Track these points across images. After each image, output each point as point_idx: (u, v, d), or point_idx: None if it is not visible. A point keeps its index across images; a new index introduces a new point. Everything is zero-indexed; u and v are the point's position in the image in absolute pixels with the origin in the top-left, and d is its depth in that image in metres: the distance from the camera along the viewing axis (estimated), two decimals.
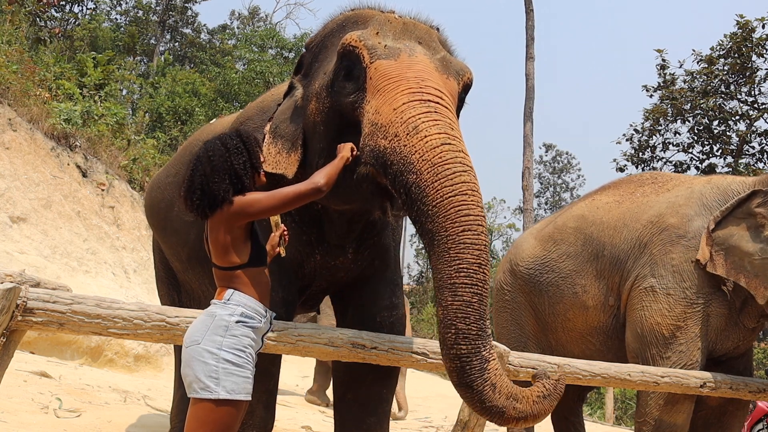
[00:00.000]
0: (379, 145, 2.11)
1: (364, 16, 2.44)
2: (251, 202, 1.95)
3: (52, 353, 5.96)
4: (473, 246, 1.96)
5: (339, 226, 2.67)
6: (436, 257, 2.00)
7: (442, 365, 2.66)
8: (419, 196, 2.01)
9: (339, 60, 2.31)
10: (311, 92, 2.45)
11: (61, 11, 17.65)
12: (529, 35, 15.47)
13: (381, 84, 2.19)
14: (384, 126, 2.12)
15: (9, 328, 2.08)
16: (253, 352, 1.99)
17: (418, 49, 2.29)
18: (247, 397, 1.94)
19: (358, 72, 2.26)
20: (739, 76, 13.17)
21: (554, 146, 37.16)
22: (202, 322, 1.96)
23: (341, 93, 2.29)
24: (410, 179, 2.03)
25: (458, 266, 1.96)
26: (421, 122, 2.07)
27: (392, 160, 2.07)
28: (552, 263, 4.09)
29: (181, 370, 1.95)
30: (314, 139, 2.42)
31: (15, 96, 8.15)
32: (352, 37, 2.28)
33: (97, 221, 8.42)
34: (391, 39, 2.31)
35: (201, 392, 1.88)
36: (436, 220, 1.98)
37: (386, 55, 2.24)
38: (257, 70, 18.65)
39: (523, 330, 4.27)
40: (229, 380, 1.88)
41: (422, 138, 2.04)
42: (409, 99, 2.12)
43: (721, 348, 3.62)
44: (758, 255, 3.41)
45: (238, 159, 2.00)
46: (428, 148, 2.03)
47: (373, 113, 2.17)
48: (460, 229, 1.97)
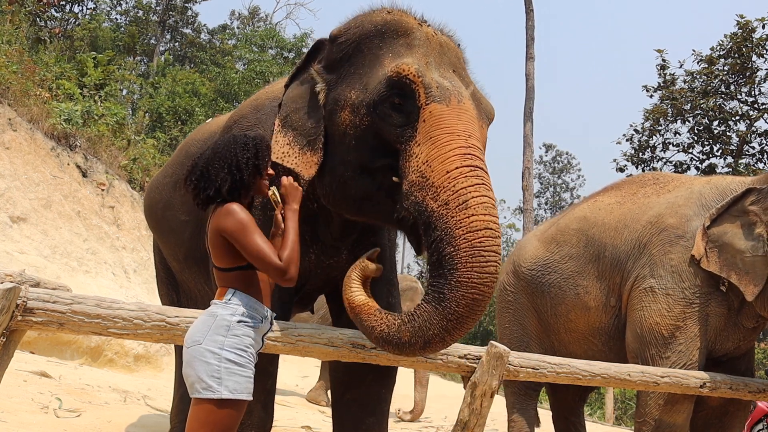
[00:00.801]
0: (428, 205, 2.20)
1: (405, 26, 2.42)
2: (241, 234, 1.95)
3: (52, 353, 5.96)
4: (481, 295, 2.16)
5: (336, 227, 2.67)
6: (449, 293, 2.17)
7: (442, 365, 2.67)
8: (449, 268, 2.16)
9: (389, 86, 2.30)
10: (345, 100, 2.40)
11: (61, 11, 17.64)
12: (529, 35, 15.48)
13: (434, 133, 2.25)
14: (435, 187, 2.20)
15: (9, 328, 2.08)
16: (254, 352, 2.00)
17: (463, 93, 2.36)
18: (249, 396, 1.94)
19: (410, 108, 2.29)
20: (740, 76, 13.17)
21: (554, 146, 37.16)
22: (203, 322, 1.96)
23: (386, 120, 2.31)
24: (448, 251, 2.16)
25: (464, 294, 2.17)
26: (471, 197, 2.17)
27: (437, 225, 2.19)
28: (554, 264, 4.10)
29: (182, 370, 1.95)
30: (341, 148, 2.41)
31: (15, 96, 8.15)
32: (410, 69, 2.29)
33: (97, 221, 8.42)
34: (435, 69, 2.36)
35: (203, 392, 1.88)
36: (454, 295, 2.15)
37: (439, 98, 2.28)
38: (257, 70, 18.64)
39: (526, 330, 4.27)
40: (231, 380, 1.89)
41: (469, 216, 2.16)
42: (461, 163, 2.20)
43: (722, 348, 3.62)
44: (749, 252, 3.43)
45: (243, 153, 2.02)
46: (473, 229, 2.15)
47: (423, 163, 2.23)
48: (470, 307, 2.16)
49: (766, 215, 3.44)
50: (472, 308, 2.16)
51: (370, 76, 2.37)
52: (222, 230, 1.96)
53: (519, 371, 2.80)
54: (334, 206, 2.52)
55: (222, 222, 1.96)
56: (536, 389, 4.35)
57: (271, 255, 1.95)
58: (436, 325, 2.17)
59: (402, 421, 6.86)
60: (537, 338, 4.24)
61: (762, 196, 3.48)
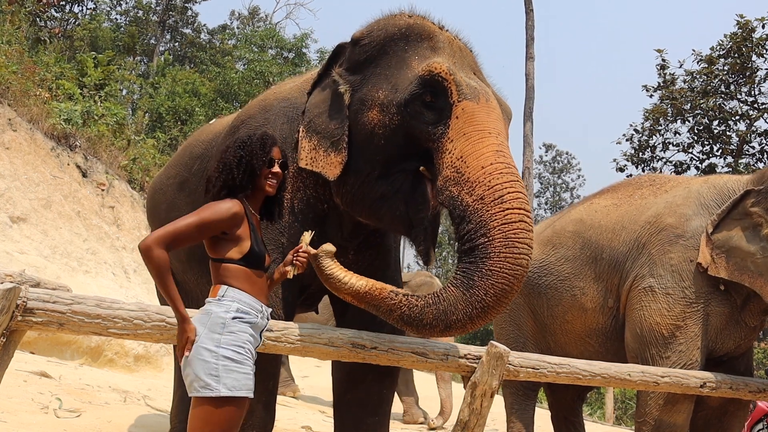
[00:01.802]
0: (464, 200, 2.25)
1: (428, 30, 2.49)
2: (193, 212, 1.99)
3: (52, 353, 5.96)
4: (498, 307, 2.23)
5: (347, 227, 2.67)
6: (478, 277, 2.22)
7: (442, 365, 2.67)
8: (482, 257, 2.21)
9: (422, 84, 2.36)
10: (373, 100, 2.43)
11: (61, 11, 17.63)
12: (528, 35, 15.48)
13: (468, 129, 2.31)
14: (471, 183, 2.26)
15: (9, 328, 2.08)
16: (252, 348, 1.99)
17: (489, 92, 2.45)
18: (249, 393, 1.93)
19: (442, 104, 2.35)
20: (739, 76, 13.17)
21: (554, 146, 37.18)
22: (198, 320, 1.95)
23: (417, 117, 2.36)
24: (481, 241, 2.21)
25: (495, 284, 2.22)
26: (507, 192, 2.24)
27: (471, 218, 2.24)
28: (550, 266, 4.10)
29: (181, 370, 1.95)
30: (369, 149, 2.43)
31: (15, 96, 8.15)
32: (443, 67, 2.36)
33: (97, 221, 8.42)
34: (460, 70, 2.43)
35: (202, 391, 1.87)
36: (484, 282, 2.20)
37: (470, 96, 2.35)
38: (257, 70, 18.63)
39: (522, 330, 4.27)
40: (229, 377, 1.88)
41: (504, 210, 2.22)
42: (495, 160, 2.28)
43: (722, 348, 3.62)
44: (760, 254, 3.41)
45: (236, 152, 2.05)
46: (507, 221, 2.21)
47: (458, 159, 2.29)
48: (498, 296, 2.21)
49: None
50: (500, 299, 2.19)
51: (398, 76, 2.41)
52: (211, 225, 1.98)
53: (519, 371, 2.80)
54: (351, 207, 2.54)
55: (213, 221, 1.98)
56: (535, 389, 4.34)
57: (159, 232, 1.93)
58: (461, 311, 2.20)
59: (434, 429, 6.80)
60: (533, 338, 4.24)
61: (762, 197, 3.47)
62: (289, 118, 2.70)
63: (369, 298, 2.29)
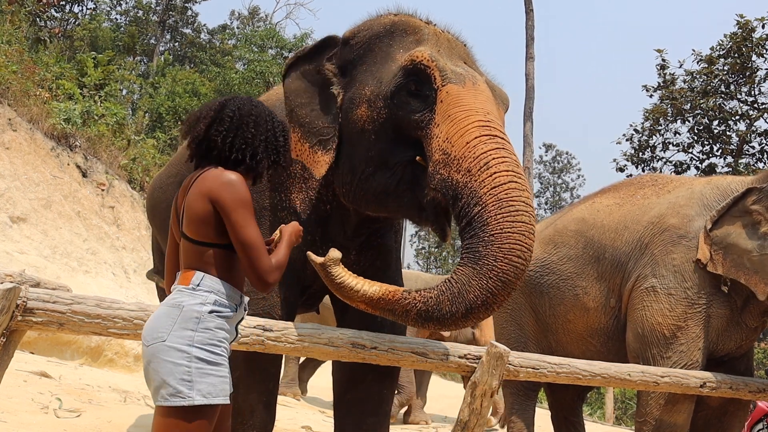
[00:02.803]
0: (453, 178, 2.19)
1: (412, 25, 2.47)
2: (239, 213, 1.68)
3: (52, 353, 5.95)
4: (514, 272, 2.10)
5: (351, 226, 2.67)
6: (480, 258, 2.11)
7: (442, 365, 2.66)
8: (480, 225, 2.12)
9: (405, 74, 2.33)
10: (360, 97, 2.42)
11: (61, 11, 17.64)
12: (528, 35, 15.47)
13: (452, 111, 2.26)
14: (457, 159, 2.19)
15: (9, 328, 2.07)
16: (228, 346, 1.73)
17: (477, 77, 2.38)
18: (226, 400, 1.66)
19: (427, 92, 2.31)
20: (739, 76, 13.17)
21: (554, 146, 37.22)
22: (165, 314, 1.67)
23: (403, 108, 2.33)
24: (476, 210, 2.13)
25: (503, 254, 2.10)
26: (491, 158, 2.17)
27: (462, 193, 2.17)
28: (552, 265, 4.10)
29: (144, 372, 1.68)
30: (362, 145, 2.41)
31: (15, 96, 8.15)
32: (424, 55, 2.32)
33: (97, 221, 8.42)
34: (447, 59, 2.38)
35: (171, 399, 1.60)
36: (490, 249, 2.10)
37: (455, 80, 2.30)
38: (257, 70, 18.65)
39: (523, 330, 4.27)
40: (204, 382, 1.62)
41: (492, 174, 2.15)
42: (480, 133, 2.20)
43: (723, 348, 3.62)
44: (756, 251, 3.42)
45: (281, 135, 1.85)
46: (497, 184, 2.13)
47: (444, 141, 2.23)
48: (508, 258, 2.10)
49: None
50: (512, 261, 2.08)
51: (384, 71, 2.40)
52: (215, 198, 1.68)
53: (519, 371, 2.80)
54: (356, 203, 2.52)
55: (218, 189, 1.69)
56: (535, 389, 4.34)
57: (264, 250, 1.69)
58: (476, 287, 2.09)
59: (491, 429, 6.78)
60: (534, 338, 4.23)
61: (764, 195, 3.47)
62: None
63: (383, 303, 2.21)
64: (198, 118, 1.82)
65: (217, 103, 1.84)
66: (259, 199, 2.65)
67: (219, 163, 1.77)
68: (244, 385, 2.54)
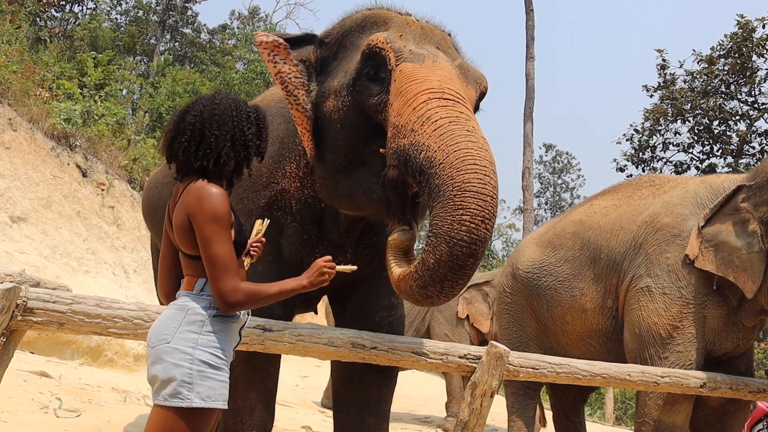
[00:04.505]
0: (400, 145, 2.14)
1: (383, 17, 2.46)
2: (208, 227, 1.65)
3: (52, 353, 5.95)
4: (479, 195, 1.97)
5: (341, 225, 2.67)
6: (439, 206, 2.00)
7: (442, 365, 2.67)
8: (429, 166, 2.03)
9: (363, 60, 2.32)
10: (329, 89, 2.43)
11: (61, 11, 17.63)
12: (529, 35, 15.46)
13: (404, 86, 2.21)
14: (403, 126, 2.15)
15: (9, 328, 2.08)
16: (232, 351, 1.75)
17: (440, 56, 2.32)
18: (224, 405, 1.66)
19: (383, 74, 2.29)
20: (740, 76, 13.18)
21: (554, 146, 37.17)
22: (171, 317, 1.69)
23: (364, 93, 2.31)
24: (421, 157, 2.06)
25: (461, 217, 1.97)
26: (434, 113, 2.10)
27: (410, 153, 2.11)
28: (550, 267, 4.13)
29: (147, 372, 1.69)
30: (330, 137, 2.41)
31: (15, 96, 8.15)
32: (379, 38, 2.30)
33: (97, 221, 8.42)
34: (413, 43, 2.34)
35: (170, 400, 1.61)
36: (443, 175, 1.99)
37: (411, 59, 2.26)
38: (257, 70, 18.63)
39: (525, 331, 4.30)
40: (204, 385, 1.62)
41: (432, 122, 2.09)
42: (428, 97, 2.15)
43: (720, 348, 3.62)
44: (745, 250, 3.43)
45: (248, 128, 1.78)
46: (437, 127, 2.07)
47: (395, 115, 2.20)
48: (466, 177, 1.98)
49: (757, 211, 3.44)
50: (473, 194, 1.95)
51: (350, 62, 2.41)
52: (190, 213, 1.68)
53: (519, 371, 2.80)
54: (330, 200, 2.51)
55: (192, 203, 1.68)
56: (536, 389, 4.36)
57: (230, 268, 1.65)
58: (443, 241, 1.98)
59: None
60: (536, 339, 4.26)
61: (752, 193, 3.48)
62: (286, 119, 2.72)
63: (396, 285, 2.23)
64: (164, 133, 1.81)
65: (179, 112, 1.81)
66: (255, 198, 2.66)
67: (198, 173, 1.74)
68: (243, 384, 2.54)
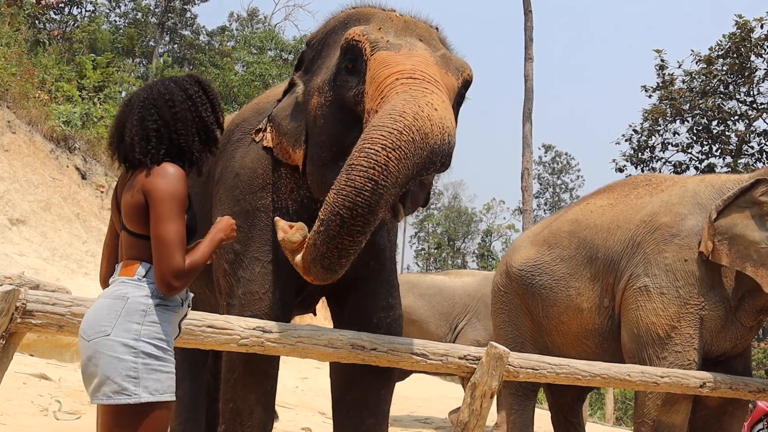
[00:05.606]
0: (367, 128, 2.11)
1: (366, 13, 2.48)
2: (164, 204, 1.58)
3: (52, 355, 5.95)
4: (387, 128, 1.98)
5: None
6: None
7: (441, 366, 2.66)
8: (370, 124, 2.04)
9: (342, 54, 2.35)
10: (313, 87, 2.48)
11: (60, 13, 17.66)
12: (527, 36, 15.47)
13: (377, 72, 2.20)
14: (371, 109, 2.15)
15: (8, 331, 2.07)
16: (173, 342, 1.65)
17: (419, 45, 2.31)
18: (172, 396, 1.58)
19: (360, 65, 2.29)
20: (738, 76, 13.19)
21: (553, 147, 37.25)
22: (108, 307, 1.57)
23: (343, 87, 2.33)
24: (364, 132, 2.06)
25: (362, 146, 2.00)
26: (394, 89, 2.09)
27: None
28: (545, 266, 4.10)
29: (82, 369, 1.59)
30: (315, 132, 2.44)
31: (14, 98, 8.16)
32: (355, 31, 2.32)
33: (96, 223, 8.42)
34: (393, 35, 2.33)
35: (115, 397, 1.51)
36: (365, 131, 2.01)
37: (386, 48, 2.26)
38: (256, 72, 18.63)
39: (520, 331, 4.27)
40: (151, 378, 1.54)
41: (389, 98, 2.07)
42: (396, 78, 2.13)
43: (718, 348, 3.61)
44: (765, 243, 3.37)
45: (205, 110, 1.74)
46: (390, 99, 2.06)
47: (368, 101, 2.20)
48: (387, 109, 2.00)
49: None
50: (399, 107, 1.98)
51: (332, 59, 2.44)
52: (147, 189, 1.60)
53: (519, 372, 2.80)
54: (321, 196, 2.51)
55: (150, 180, 1.61)
56: (534, 390, 4.34)
57: (179, 249, 1.57)
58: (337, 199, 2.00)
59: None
60: (531, 338, 4.23)
61: None
62: None
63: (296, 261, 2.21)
64: (116, 135, 1.73)
65: (134, 115, 1.71)
66: (253, 199, 2.67)
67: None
68: (242, 386, 2.54)
